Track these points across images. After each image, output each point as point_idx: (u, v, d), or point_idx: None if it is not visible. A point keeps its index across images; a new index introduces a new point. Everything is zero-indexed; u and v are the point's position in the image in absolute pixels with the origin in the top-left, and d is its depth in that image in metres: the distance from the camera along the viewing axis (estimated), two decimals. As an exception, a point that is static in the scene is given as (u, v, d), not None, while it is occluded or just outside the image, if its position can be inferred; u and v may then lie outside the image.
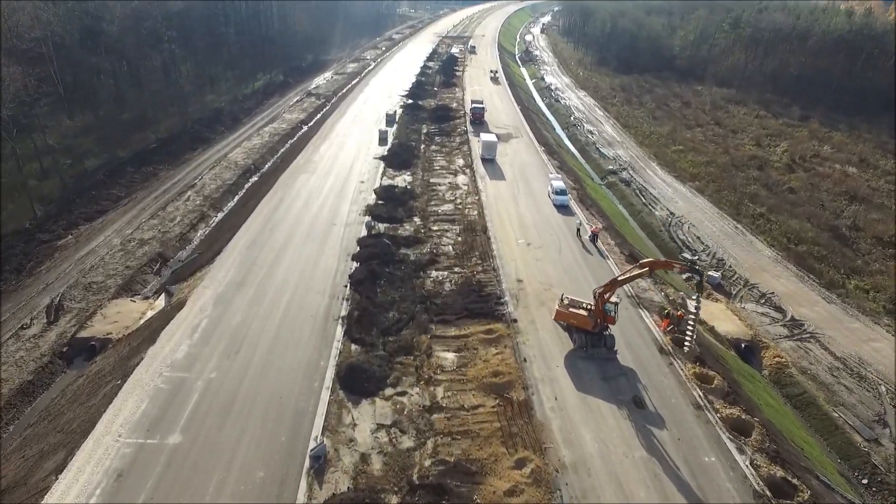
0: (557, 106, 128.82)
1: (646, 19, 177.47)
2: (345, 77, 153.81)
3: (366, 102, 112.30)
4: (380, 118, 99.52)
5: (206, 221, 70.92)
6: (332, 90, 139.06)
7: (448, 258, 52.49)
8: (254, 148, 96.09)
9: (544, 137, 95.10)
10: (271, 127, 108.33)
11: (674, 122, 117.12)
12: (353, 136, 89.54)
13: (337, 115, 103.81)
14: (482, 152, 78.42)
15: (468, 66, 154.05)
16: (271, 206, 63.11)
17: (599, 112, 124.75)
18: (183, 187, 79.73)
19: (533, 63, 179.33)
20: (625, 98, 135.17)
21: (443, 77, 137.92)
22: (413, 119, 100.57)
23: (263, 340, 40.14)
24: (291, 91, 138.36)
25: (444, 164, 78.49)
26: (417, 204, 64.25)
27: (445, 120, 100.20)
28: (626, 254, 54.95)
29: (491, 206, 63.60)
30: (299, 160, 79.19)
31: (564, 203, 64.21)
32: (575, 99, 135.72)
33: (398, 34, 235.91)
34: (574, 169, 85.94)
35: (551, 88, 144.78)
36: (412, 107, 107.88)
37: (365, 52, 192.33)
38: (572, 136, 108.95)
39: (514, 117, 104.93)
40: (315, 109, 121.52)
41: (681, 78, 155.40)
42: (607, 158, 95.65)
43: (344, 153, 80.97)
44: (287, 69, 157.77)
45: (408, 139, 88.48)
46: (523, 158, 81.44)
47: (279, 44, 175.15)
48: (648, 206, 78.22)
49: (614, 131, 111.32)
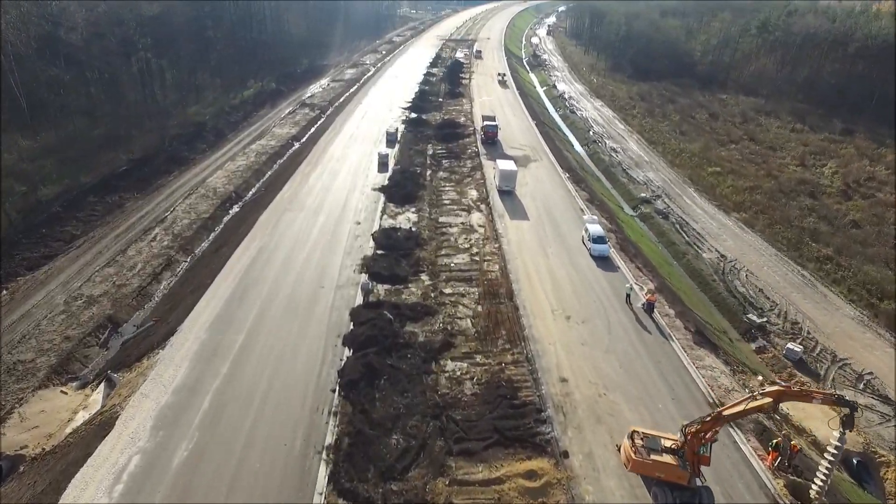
0: (573, 118, 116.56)
1: (662, 22, 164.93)
2: (342, 84, 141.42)
3: (364, 116, 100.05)
4: (379, 136, 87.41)
5: (172, 269, 58.70)
6: (327, 99, 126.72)
7: (466, 339, 40.36)
8: (237, 171, 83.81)
9: (566, 160, 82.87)
10: (259, 144, 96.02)
11: (704, 138, 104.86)
12: (348, 160, 77.35)
13: (332, 132, 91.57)
14: (499, 183, 66.25)
15: (474, 72, 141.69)
16: (247, 258, 50.92)
17: (620, 125, 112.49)
18: (151, 222, 67.53)
19: (542, 68, 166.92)
20: (646, 109, 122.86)
21: (448, 86, 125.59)
22: (417, 137, 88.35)
23: (215, 495, 28.05)
24: (284, 101, 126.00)
25: (454, 196, 66.30)
26: (425, 254, 52.13)
27: (453, 138, 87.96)
28: (691, 330, 42.81)
29: (515, 259, 51.46)
30: (285, 192, 67.00)
31: (605, 254, 52.11)
32: (591, 109, 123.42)
33: (399, 36, 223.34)
34: (602, 198, 73.83)
35: (565, 97, 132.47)
36: (415, 122, 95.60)
37: (364, 57, 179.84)
38: (594, 154, 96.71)
39: (530, 134, 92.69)
40: (308, 122, 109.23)
41: (702, 85, 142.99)
42: (637, 183, 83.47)
43: (337, 183, 68.80)
44: (280, 76, 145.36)
45: (411, 163, 76.32)
46: (546, 189, 69.26)
47: (272, 48, 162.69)
48: (694, 245, 66.07)
49: (640, 148, 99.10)
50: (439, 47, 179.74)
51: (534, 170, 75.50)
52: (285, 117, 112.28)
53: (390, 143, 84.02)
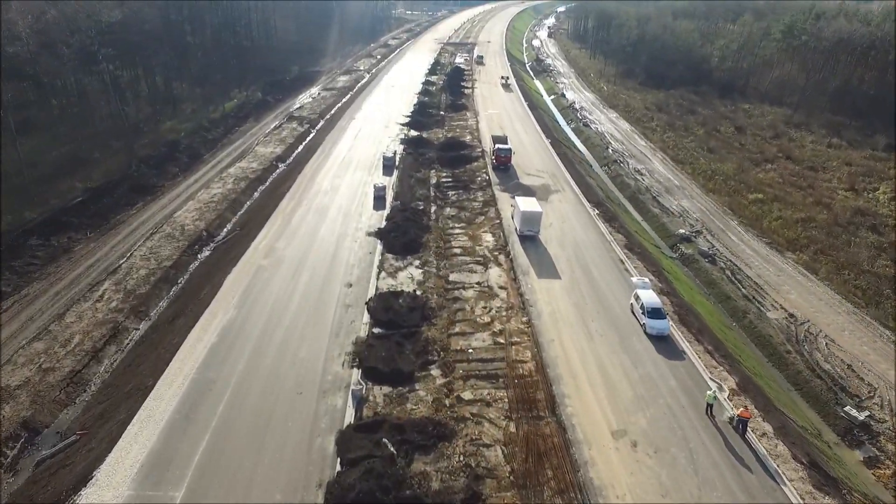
0: (588, 132, 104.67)
1: (676, 25, 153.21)
2: (334, 94, 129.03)
3: (357, 135, 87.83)
4: (375, 161, 75.34)
5: (119, 342, 46.64)
6: (318, 111, 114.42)
7: (498, 484, 28.53)
8: (211, 202, 71.62)
9: (591, 189, 71.00)
10: (238, 167, 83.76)
11: (736, 156, 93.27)
12: (339, 193, 65.17)
13: (321, 155, 79.32)
14: (520, 227, 54.25)
15: (477, 80, 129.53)
16: (203, 347, 38.59)
17: (640, 141, 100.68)
18: (101, 273, 55.40)
19: (547, 74, 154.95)
20: (666, 122, 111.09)
21: (449, 96, 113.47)
22: (417, 161, 76.29)
23: None
24: (270, 113, 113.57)
25: (465, 242, 54.31)
26: (434, 332, 40.25)
27: (459, 162, 75.89)
28: (803, 462, 31.02)
29: (551, 341, 39.57)
30: (262, 238, 54.82)
31: (664, 332, 40.32)
32: (606, 122, 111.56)
33: (394, 39, 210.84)
34: (636, 234, 62.07)
35: (575, 108, 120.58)
36: (415, 142, 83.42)
37: (358, 62, 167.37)
38: (616, 177, 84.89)
39: (546, 156, 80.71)
40: (296, 139, 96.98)
41: (721, 93, 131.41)
42: (672, 215, 71.72)
43: (325, 226, 56.64)
44: (267, 84, 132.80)
45: (413, 197, 64.30)
46: (575, 231, 57.32)
47: (259, 54, 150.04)
48: (753, 300, 54.39)
49: (667, 169, 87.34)
50: (437, 52, 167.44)
51: (557, 204, 63.55)
52: (270, 133, 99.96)
53: (387, 170, 71.99)
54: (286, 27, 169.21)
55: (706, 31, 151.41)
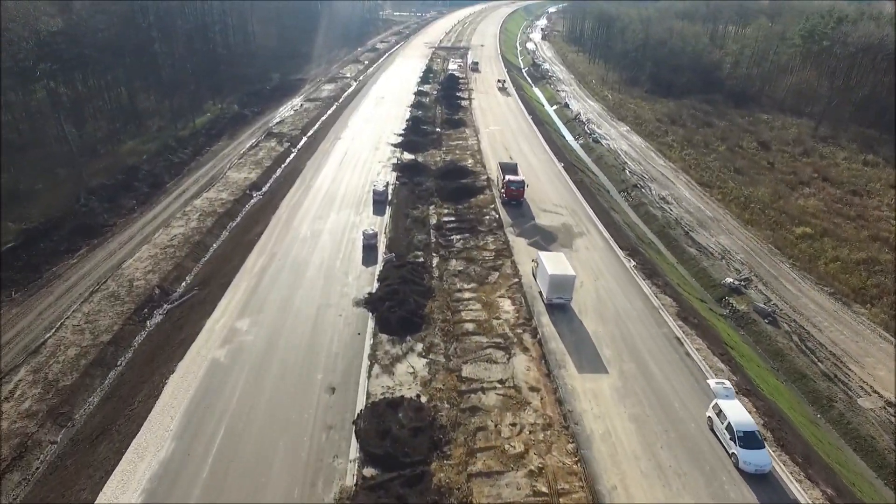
0: (599, 150, 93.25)
1: (683, 28, 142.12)
2: (318, 105, 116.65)
3: (343, 160, 75.60)
4: (363, 195, 63.31)
5: (23, 469, 34.62)
6: (300, 127, 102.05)
7: None
8: (169, 246, 59.38)
9: (618, 228, 59.41)
10: (206, 198, 71.41)
11: (766, 177, 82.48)
12: (320, 242, 52.92)
13: (300, 187, 67.04)
14: (548, 293, 42.47)
15: (474, 90, 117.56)
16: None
17: (658, 160, 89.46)
18: (18, 355, 43.34)
19: (546, 81, 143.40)
20: (683, 136, 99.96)
21: (445, 110, 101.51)
22: (413, 194, 64.35)
23: None
24: (246, 129, 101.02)
25: (479, 313, 42.51)
26: (449, 473, 28.61)
27: (463, 195, 63.94)
28: None
29: (613, 491, 28.04)
30: (219, 314, 42.61)
31: (764, 469, 28.93)
32: (617, 137, 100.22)
33: (383, 42, 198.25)
34: (678, 287, 50.79)
35: (581, 120, 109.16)
36: (410, 169, 71.41)
37: (344, 68, 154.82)
38: (638, 205, 73.56)
39: (561, 184, 69.02)
40: (274, 162, 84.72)
41: (735, 103, 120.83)
42: (711, 256, 60.49)
43: (302, 293, 44.50)
44: (245, 95, 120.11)
45: (410, 245, 52.48)
46: (613, 294, 45.63)
47: (237, 62, 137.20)
48: (836, 379, 43.31)
49: (694, 195, 76.19)
50: (429, 57, 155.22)
51: (584, 253, 51.97)
52: (245, 154, 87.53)
53: (378, 207, 60.08)
54: (266, 32, 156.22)
55: (716, 35, 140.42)
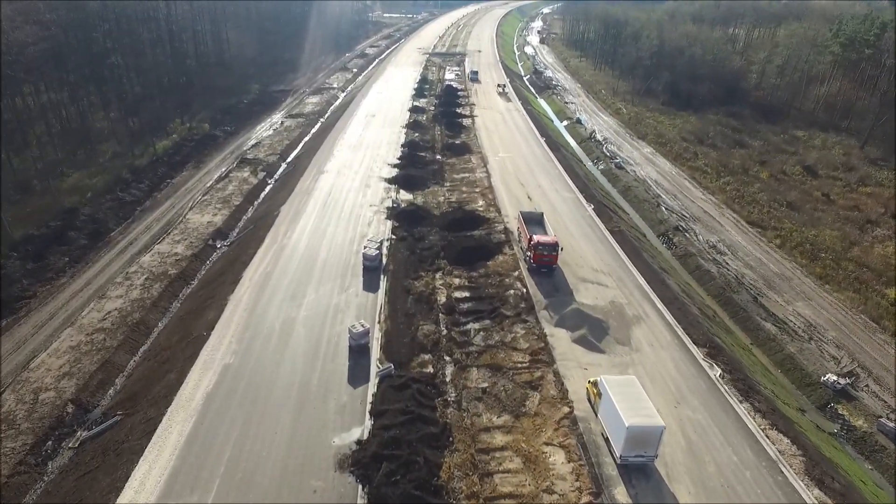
0: (625, 179, 79.16)
1: (702, 33, 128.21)
2: (301, 123, 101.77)
3: (326, 204, 60.52)
4: (350, 257, 48.73)
5: None
6: (278, 151, 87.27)
7: None
8: (99, 330, 44.99)
9: (685, 309, 45.23)
10: (157, 253, 56.67)
11: (827, 215, 68.99)
12: (290, 346, 38.04)
13: (272, 245, 52.22)
14: (623, 449, 28.09)
15: (476, 104, 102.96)
16: None
17: (695, 191, 75.60)
18: None
19: (552, 91, 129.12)
20: (716, 160, 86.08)
21: (446, 131, 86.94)
22: (414, 255, 49.79)
23: None
24: (216, 154, 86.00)
25: (520, 480, 27.81)
26: None
27: (477, 256, 49.42)
28: None
29: None
30: (136, 490, 28.17)
31: None
32: (641, 160, 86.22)
33: (373, 47, 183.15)
34: (772, 395, 37.02)
35: (598, 139, 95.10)
36: (409, 217, 56.66)
37: (331, 77, 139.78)
38: (686, 256, 59.39)
39: (598, 239, 54.43)
40: (245, 199, 70.04)
41: (763, 116, 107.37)
42: (796, 336, 46.57)
43: (256, 452, 30.02)
44: (218, 112, 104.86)
45: (412, 341, 38.15)
46: (707, 436, 31.24)
47: (210, 73, 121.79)
48: None
49: (749, 241, 62.30)
50: (423, 64, 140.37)
51: (651, 354, 37.64)
52: (212, 188, 72.72)
53: (370, 277, 45.66)
54: (244, 38, 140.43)
55: (734, 40, 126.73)
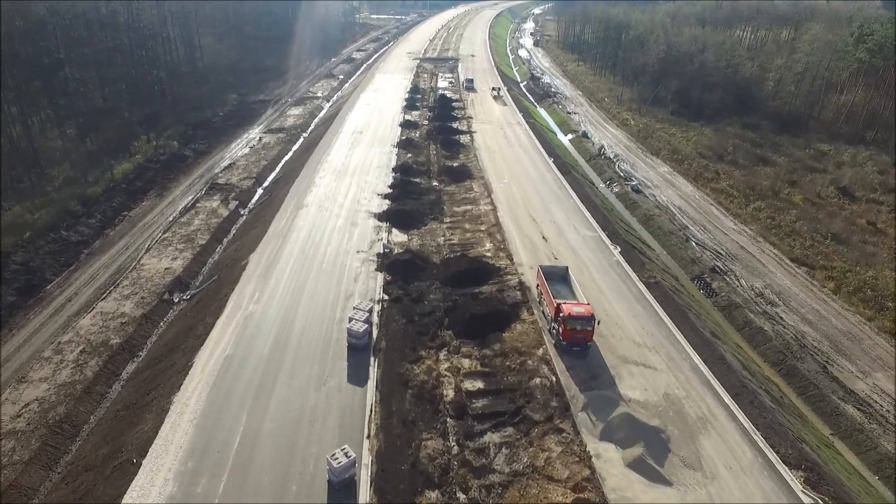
0: (644, 204, 69.45)
1: (709, 36, 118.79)
2: (281, 139, 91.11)
3: (303, 252, 50.00)
4: (331, 334, 38.32)
5: None
6: (254, 174, 76.74)
7: None
8: (12, 434, 34.45)
9: (760, 405, 35.45)
10: (99, 313, 46.24)
11: (880, 249, 59.89)
12: (247, 496, 28.34)
13: (235, 312, 41.75)
14: None
15: (473, 118, 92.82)
16: None
17: (725, 220, 66.08)
18: None
19: (552, 100, 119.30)
20: (742, 180, 76.71)
21: (442, 149, 76.79)
22: (411, 322, 39.56)
23: None
24: (184, 179, 75.29)
25: None
26: None
27: (489, 324, 39.47)
28: None
29: None
30: None
31: None
32: (659, 181, 76.66)
33: (360, 51, 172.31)
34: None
35: (608, 156, 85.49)
36: (404, 268, 46.39)
37: (315, 86, 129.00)
38: (729, 306, 49.83)
39: (632, 296, 44.07)
40: (212, 237, 59.46)
41: (781, 128, 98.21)
42: (883, 421, 37.28)
43: None
44: (189, 127, 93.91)
45: (413, 467, 28.16)
46: None
47: (183, 83, 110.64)
48: None
49: (799, 287, 52.89)
50: (414, 71, 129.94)
51: (735, 489, 27.81)
52: (175, 222, 62.13)
53: (357, 361, 35.53)
54: (221, 45, 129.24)
55: (741, 44, 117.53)
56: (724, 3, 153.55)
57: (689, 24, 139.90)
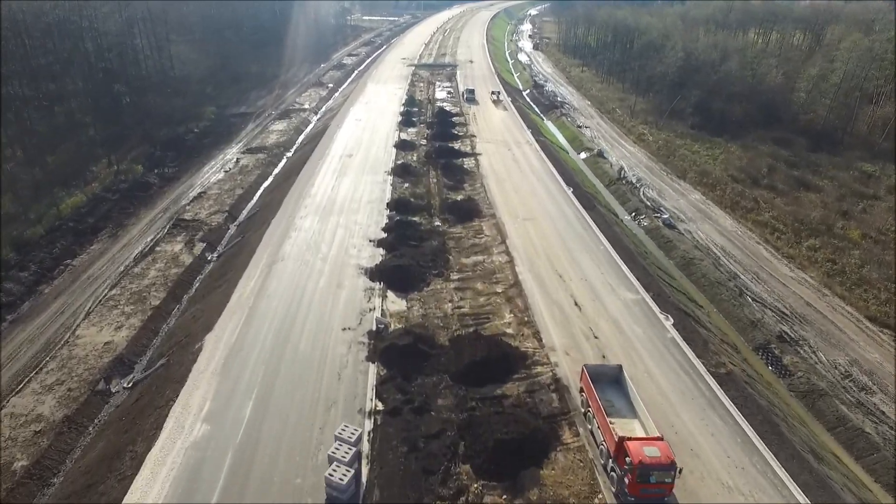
0: (680, 244, 58.51)
1: (728, 41, 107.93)
2: (260, 162, 79.60)
3: (280, 328, 38.81)
4: (304, 476, 27.26)
5: None
6: (227, 205, 65.33)
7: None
8: None
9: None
10: (9, 415, 34.85)
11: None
12: None
13: (177, 429, 30.28)
14: None
15: (476, 135, 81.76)
16: None
17: (780, 265, 55.23)
18: None
19: (560, 111, 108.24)
20: (787, 211, 65.88)
21: (443, 177, 65.54)
22: (413, 453, 28.36)
23: None
24: (146, 212, 63.71)
25: None
26: None
27: (520, 454, 28.67)
28: None
29: None
30: None
31: None
32: (692, 212, 65.78)
33: (351, 56, 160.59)
34: None
35: (629, 180, 74.62)
36: (401, 357, 35.05)
37: (302, 95, 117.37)
38: (809, 393, 39.08)
39: (704, 399, 32.91)
40: (169, 294, 48.05)
41: (815, 144, 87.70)
42: None
43: None
44: (159, 147, 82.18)
45: None
46: None
47: (155, 94, 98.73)
48: None
49: (887, 357, 42.34)
50: (409, 79, 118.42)
51: None
52: (126, 274, 50.64)
53: None
54: (197, 53, 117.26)
55: (773, 53, 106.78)
56: (736, 5, 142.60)
57: (701, 27, 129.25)
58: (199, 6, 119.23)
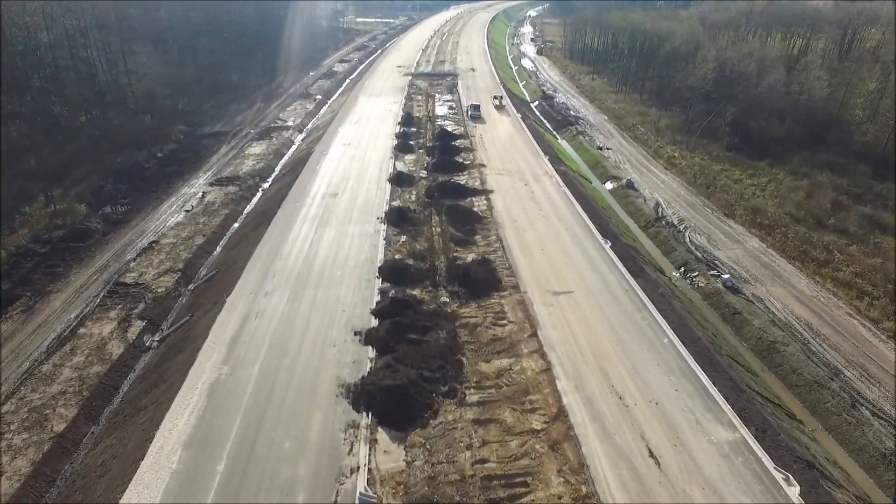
0: (754, 319, 45.17)
1: (768, 52, 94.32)
2: (230, 198, 65.50)
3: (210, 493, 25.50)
4: None
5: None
6: (181, 262, 51.40)
7: None
8: None
9: None
10: None
11: None
12: None
13: None
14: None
15: (485, 163, 67.93)
16: None
17: (884, 348, 42.06)
18: None
19: (575, 128, 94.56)
20: (868, 265, 52.65)
21: (450, 228, 51.71)
22: None
23: None
24: (78, 274, 49.69)
25: None
26: None
27: None
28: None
29: None
30: None
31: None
32: (755, 268, 52.28)
33: (343, 63, 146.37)
34: None
35: (670, 220, 61.18)
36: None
37: (286, 110, 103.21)
38: None
39: None
40: (84, 408, 34.10)
41: (875, 171, 74.51)
42: None
43: None
44: (111, 178, 68.07)
45: None
46: None
47: (113, 117, 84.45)
48: None
49: None
50: (405, 92, 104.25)
51: None
52: (29, 376, 36.72)
53: None
54: (165, 64, 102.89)
55: (825, 64, 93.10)
56: (758, 4, 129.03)
57: (725, 31, 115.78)
58: (170, 9, 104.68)
